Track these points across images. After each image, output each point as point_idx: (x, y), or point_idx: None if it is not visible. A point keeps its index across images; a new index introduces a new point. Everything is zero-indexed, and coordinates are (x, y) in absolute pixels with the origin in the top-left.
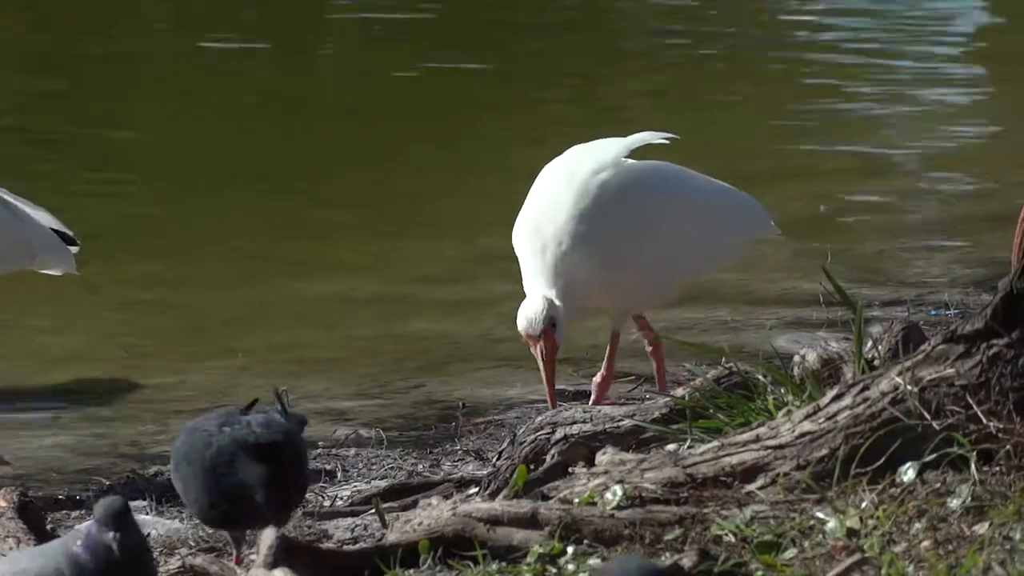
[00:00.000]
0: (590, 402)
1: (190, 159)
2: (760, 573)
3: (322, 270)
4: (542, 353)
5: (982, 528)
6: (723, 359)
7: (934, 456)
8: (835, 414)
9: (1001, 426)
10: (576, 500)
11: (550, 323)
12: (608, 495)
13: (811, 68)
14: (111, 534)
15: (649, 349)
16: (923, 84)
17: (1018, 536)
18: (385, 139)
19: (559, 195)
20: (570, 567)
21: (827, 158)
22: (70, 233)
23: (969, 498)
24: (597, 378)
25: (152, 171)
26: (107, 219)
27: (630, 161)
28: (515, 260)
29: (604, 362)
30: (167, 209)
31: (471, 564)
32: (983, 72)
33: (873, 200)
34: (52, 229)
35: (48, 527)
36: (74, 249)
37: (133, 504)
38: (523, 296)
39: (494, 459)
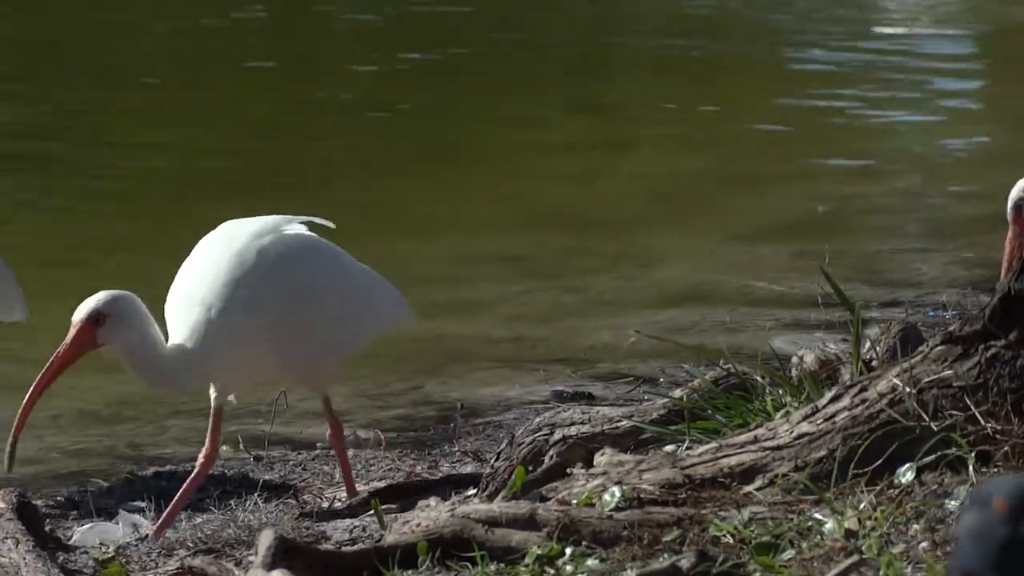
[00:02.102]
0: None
1: (189, 160)
2: (758, 574)
3: None
4: (58, 356)
5: None
6: (721, 360)
7: (932, 457)
8: (833, 415)
9: (999, 427)
10: (574, 501)
11: (93, 318)
12: (606, 496)
13: (812, 70)
14: None
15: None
16: (922, 87)
17: None
18: (384, 140)
19: (217, 263)
20: (568, 568)
21: (826, 160)
22: None
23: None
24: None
25: (150, 172)
26: (105, 220)
27: (287, 231)
28: (512, 261)
29: (327, 418)
30: (166, 210)
31: (469, 565)
32: (981, 75)
33: (871, 201)
34: None
35: (47, 528)
36: None
37: (132, 505)
38: (519, 298)
39: (492, 460)
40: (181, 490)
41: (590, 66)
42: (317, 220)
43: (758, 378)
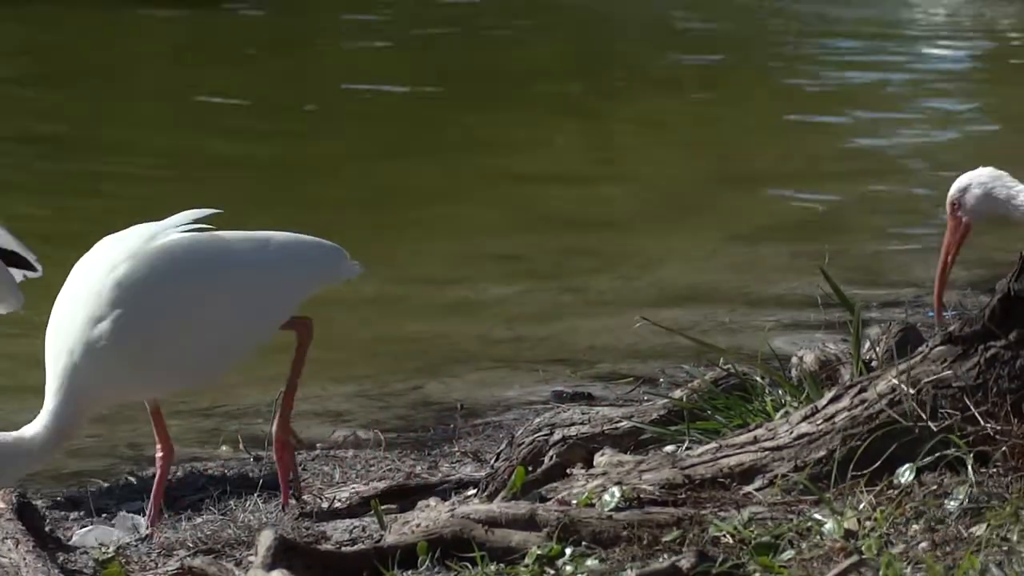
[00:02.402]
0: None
1: (189, 160)
2: (758, 574)
3: None
4: None
5: (979, 529)
6: (721, 360)
7: (932, 458)
8: (833, 415)
9: (998, 428)
10: (574, 501)
11: None
12: (606, 496)
13: (812, 71)
14: None
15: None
16: (922, 86)
17: (1015, 537)
18: (385, 140)
19: (77, 299)
20: (568, 568)
21: (826, 160)
22: (29, 256)
23: (966, 500)
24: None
25: (148, 171)
26: (103, 219)
27: (159, 243)
28: (512, 261)
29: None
30: (166, 210)
31: (469, 565)
32: (981, 74)
33: (871, 201)
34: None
35: (47, 528)
36: (33, 274)
37: (132, 505)
38: (519, 298)
39: (492, 460)
40: (153, 491)
41: (590, 66)
42: (195, 215)
43: (758, 378)
